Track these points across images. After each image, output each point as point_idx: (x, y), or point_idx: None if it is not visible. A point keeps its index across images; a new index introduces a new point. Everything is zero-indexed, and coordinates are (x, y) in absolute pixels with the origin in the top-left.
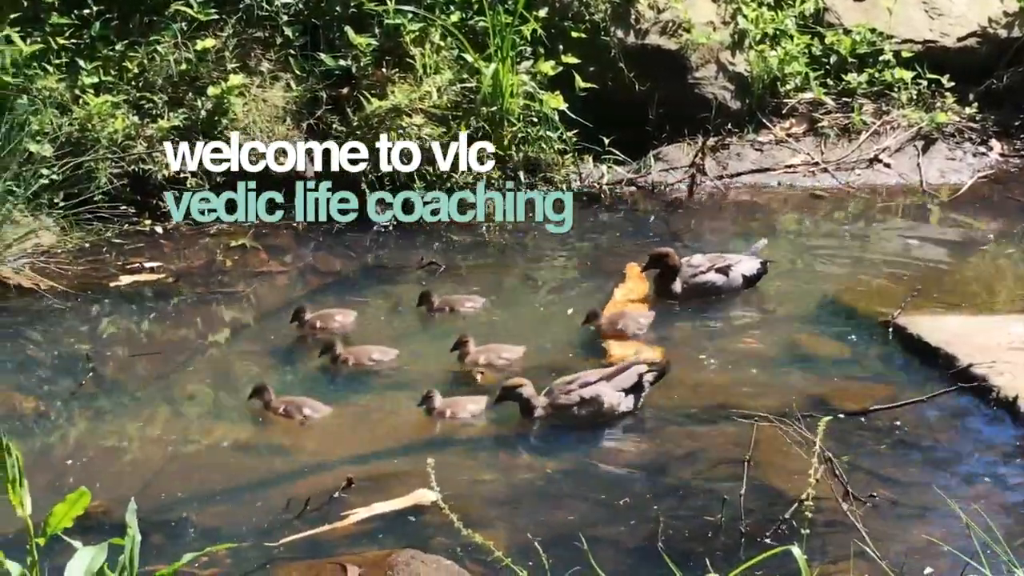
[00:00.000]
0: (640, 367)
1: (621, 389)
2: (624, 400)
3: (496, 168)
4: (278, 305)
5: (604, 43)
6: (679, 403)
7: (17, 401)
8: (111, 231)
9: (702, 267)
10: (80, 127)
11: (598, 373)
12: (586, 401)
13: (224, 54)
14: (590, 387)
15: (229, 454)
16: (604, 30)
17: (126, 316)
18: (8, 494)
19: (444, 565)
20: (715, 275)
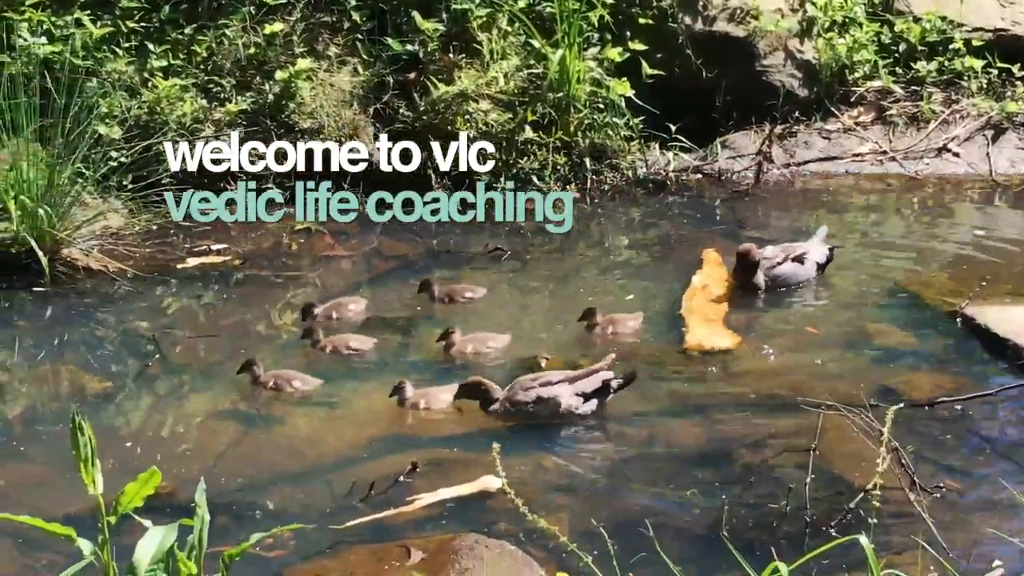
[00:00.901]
0: (606, 373)
1: (581, 392)
2: (583, 404)
3: (563, 155)
4: (343, 289)
5: (672, 30)
6: (745, 391)
7: (85, 381)
8: None
9: (777, 258)
10: (149, 110)
11: (563, 374)
12: (542, 401)
13: (292, 38)
14: (550, 387)
15: (294, 437)
16: (672, 16)
17: (193, 298)
18: (80, 472)
19: (508, 550)
20: (792, 265)
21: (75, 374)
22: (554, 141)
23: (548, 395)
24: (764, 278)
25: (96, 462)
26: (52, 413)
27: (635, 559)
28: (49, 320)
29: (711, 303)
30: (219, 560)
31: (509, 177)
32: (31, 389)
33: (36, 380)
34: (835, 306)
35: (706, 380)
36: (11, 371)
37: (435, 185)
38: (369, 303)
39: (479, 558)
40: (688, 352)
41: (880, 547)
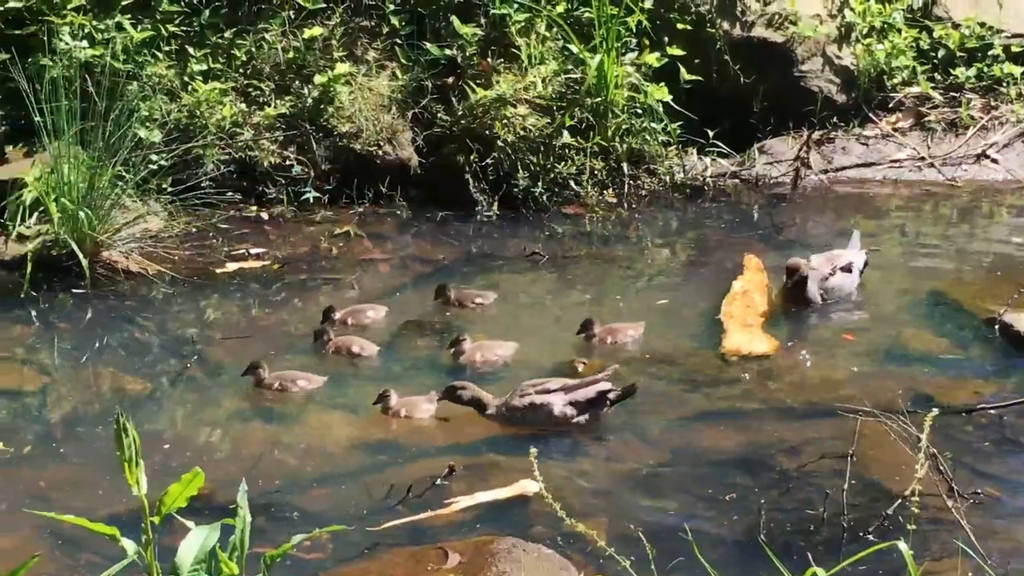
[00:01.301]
0: (604, 385)
1: (575, 402)
2: (577, 413)
3: (600, 160)
4: (381, 292)
5: (709, 35)
6: (783, 396)
7: (125, 383)
8: (217, 217)
9: (826, 269)
10: (189, 114)
11: (561, 382)
12: (536, 408)
13: (331, 43)
14: (545, 395)
15: (331, 439)
16: (710, 22)
17: (231, 301)
18: (124, 473)
19: (545, 554)
20: (842, 276)
21: (114, 376)
22: (592, 146)
23: (541, 402)
24: (819, 293)
25: (140, 463)
26: (92, 414)
27: (673, 563)
28: (89, 322)
29: (750, 308)
30: (260, 561)
31: (547, 180)
32: (71, 390)
33: (76, 382)
34: (872, 313)
35: (743, 385)
36: (52, 373)
37: (473, 190)
38: (389, 311)
39: (516, 561)
40: (725, 357)
41: (918, 554)
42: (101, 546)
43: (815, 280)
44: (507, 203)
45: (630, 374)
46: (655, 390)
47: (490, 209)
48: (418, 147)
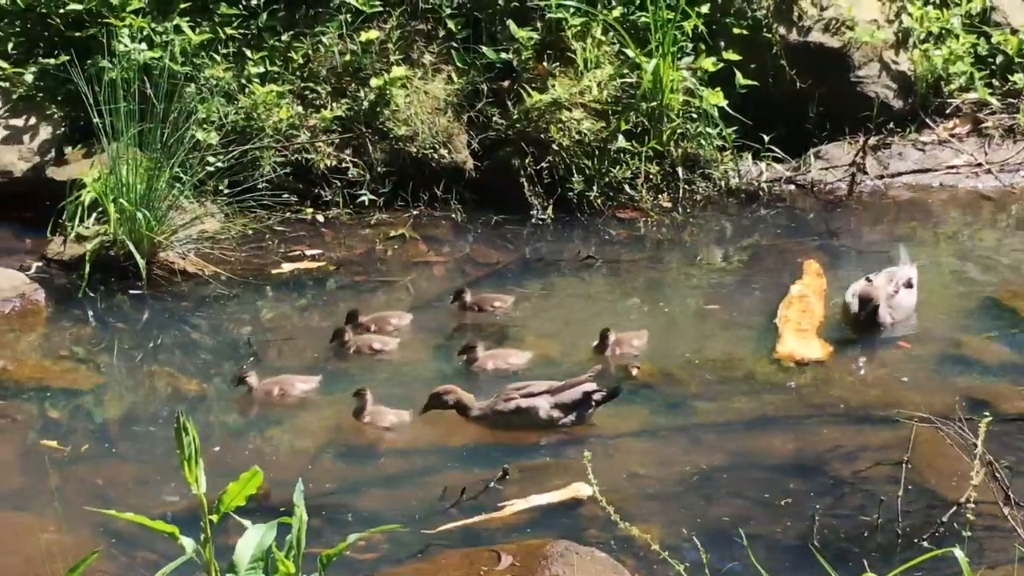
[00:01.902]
0: (589, 386)
1: (560, 404)
2: (563, 415)
3: (655, 164)
4: (435, 295)
5: (766, 40)
6: (837, 402)
7: (181, 383)
8: (273, 219)
9: (889, 288)
10: (246, 116)
11: (546, 385)
12: (522, 411)
13: (387, 46)
14: (531, 398)
15: (385, 441)
16: (766, 27)
17: (287, 302)
18: (183, 471)
19: (598, 557)
20: (906, 293)
21: (171, 376)
22: (647, 150)
23: (527, 405)
24: (889, 312)
25: (199, 461)
26: (148, 414)
27: (727, 568)
28: (146, 322)
29: (806, 313)
30: (316, 560)
31: (601, 184)
32: (128, 390)
33: (132, 381)
34: (927, 319)
35: (797, 391)
36: (109, 372)
37: (527, 194)
38: (415, 319)
39: (569, 564)
40: (779, 362)
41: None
42: (156, 544)
43: (882, 301)
44: (562, 207)
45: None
46: (708, 394)
47: (544, 213)
48: (473, 150)
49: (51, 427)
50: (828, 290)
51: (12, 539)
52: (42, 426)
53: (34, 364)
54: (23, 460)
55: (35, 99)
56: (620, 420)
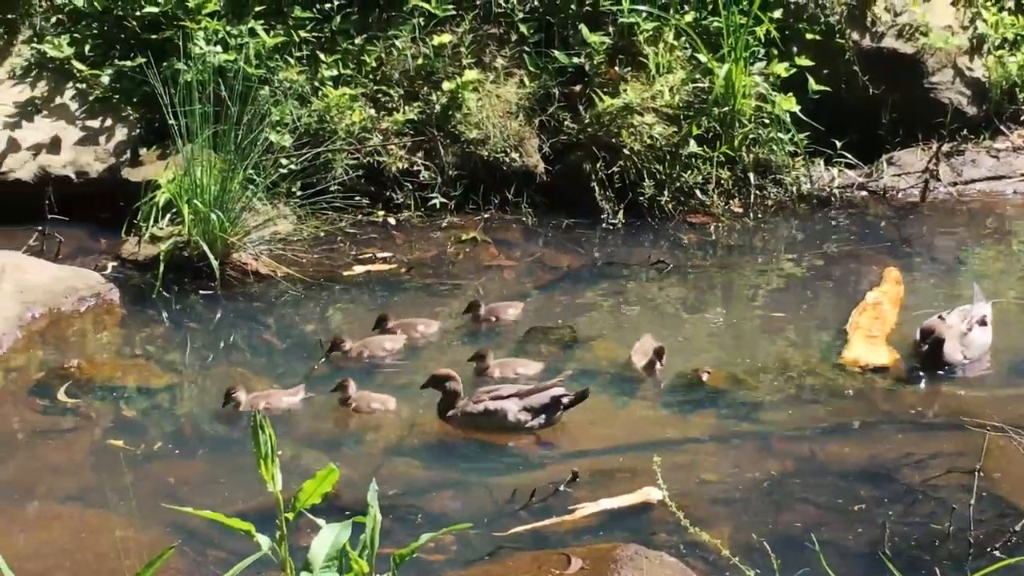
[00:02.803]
0: (557, 390)
1: (529, 407)
2: (531, 418)
3: (726, 169)
4: (506, 298)
5: (839, 46)
6: (906, 409)
7: (252, 383)
8: (345, 221)
9: (963, 325)
10: (319, 118)
11: (515, 388)
12: (490, 413)
13: (460, 50)
14: (499, 401)
15: (456, 443)
16: (839, 32)
17: (358, 304)
18: (260, 470)
19: (667, 562)
20: (980, 331)
21: (242, 376)
22: (718, 155)
23: (495, 408)
24: (960, 350)
25: (276, 459)
26: (220, 414)
27: (798, 574)
28: (218, 322)
29: (878, 320)
30: (390, 560)
31: (672, 190)
32: (200, 390)
33: (205, 380)
34: (1000, 328)
35: (868, 397)
36: (181, 371)
37: (598, 198)
38: (442, 326)
39: (639, 569)
40: (844, 367)
41: None
42: (227, 542)
43: (954, 338)
44: (632, 211)
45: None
46: (778, 400)
47: (615, 217)
48: (544, 154)
49: (124, 426)
50: (904, 297)
51: (86, 536)
52: (115, 425)
53: (108, 363)
54: (96, 458)
55: (111, 101)
56: (690, 425)
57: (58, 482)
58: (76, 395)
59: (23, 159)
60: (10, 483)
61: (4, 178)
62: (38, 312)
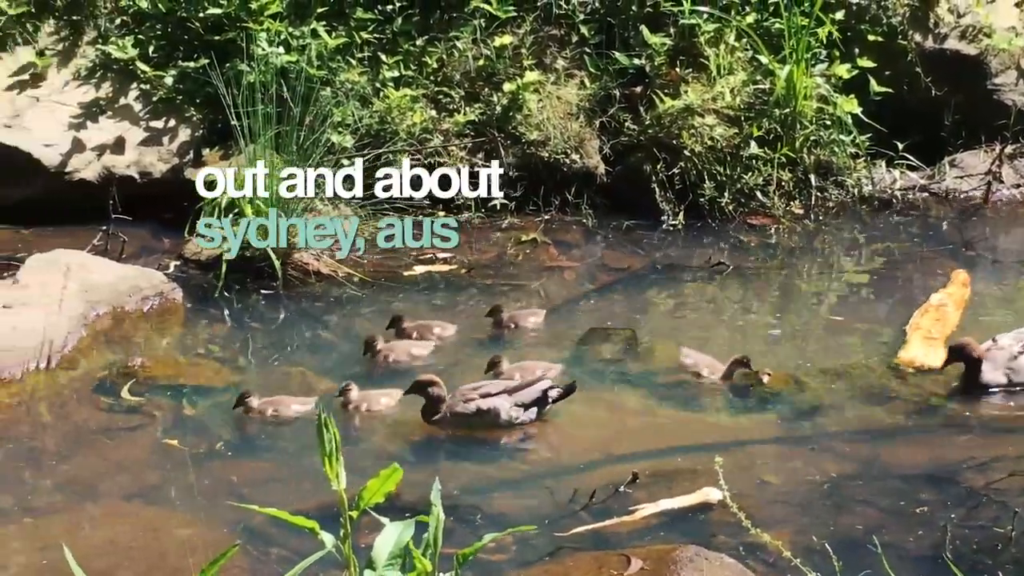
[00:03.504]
0: (545, 383)
1: (521, 403)
2: (523, 413)
3: (787, 171)
4: (566, 300)
5: (901, 47)
6: (965, 412)
7: (312, 381)
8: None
9: (1015, 347)
10: (380, 119)
11: (503, 385)
12: (482, 412)
13: (521, 51)
14: (489, 399)
15: (515, 443)
16: (901, 34)
17: (418, 304)
18: (325, 468)
19: (728, 563)
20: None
21: (303, 375)
22: (779, 157)
23: (487, 406)
24: (1004, 373)
25: (340, 458)
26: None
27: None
28: (280, 322)
29: (939, 322)
30: (453, 559)
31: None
32: (262, 389)
33: (268, 380)
34: None
35: (926, 400)
36: (244, 371)
37: (658, 199)
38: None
39: (699, 570)
40: (899, 367)
41: None
42: (289, 541)
43: (999, 361)
44: (693, 213)
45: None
46: (838, 402)
47: (675, 218)
48: (605, 156)
49: (186, 424)
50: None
51: (150, 533)
52: (178, 423)
53: (171, 362)
54: (160, 456)
55: (175, 101)
56: (749, 427)
57: (122, 480)
58: (139, 393)
59: (88, 159)
60: (75, 481)
61: (69, 178)
62: (102, 311)
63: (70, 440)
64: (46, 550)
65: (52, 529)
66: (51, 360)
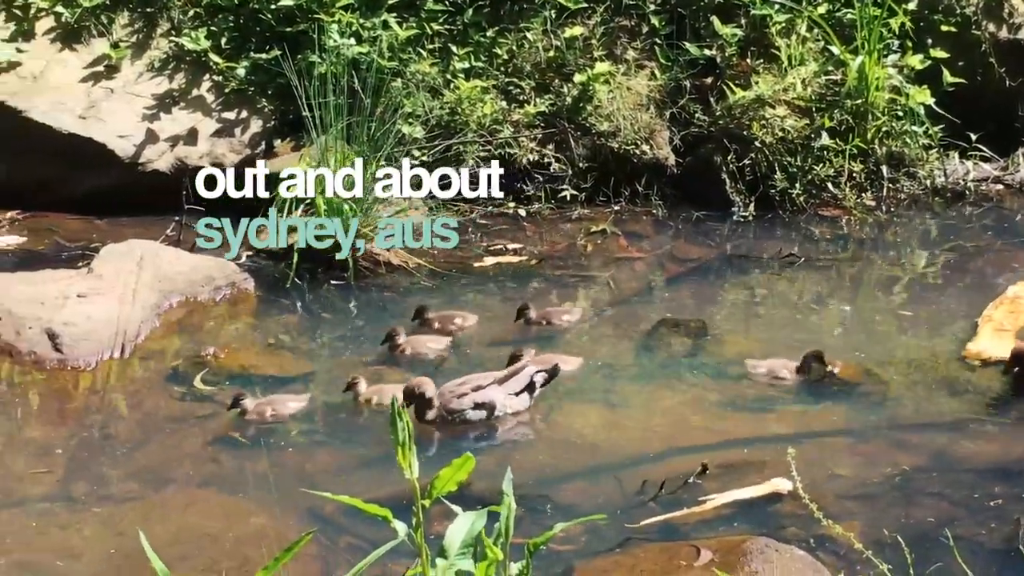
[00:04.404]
0: (531, 369)
1: (513, 392)
2: (516, 401)
3: (859, 162)
4: (635, 291)
5: (975, 37)
6: None
7: (384, 372)
8: (476, 213)
9: None
10: (450, 111)
11: (491, 376)
12: (479, 406)
13: (591, 42)
14: (482, 391)
15: (584, 433)
16: (975, 24)
17: (488, 295)
18: (398, 457)
19: (798, 555)
20: None
21: (375, 365)
22: (851, 148)
23: (483, 399)
24: None
25: (413, 447)
26: (349, 403)
27: (931, 569)
28: (351, 312)
29: (1013, 314)
30: (523, 548)
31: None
32: (333, 379)
33: (338, 370)
34: None
35: (998, 391)
36: (315, 360)
37: (729, 190)
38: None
39: (769, 562)
40: (967, 360)
41: None
42: (360, 529)
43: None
44: (763, 204)
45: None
46: (909, 394)
47: (746, 210)
48: (675, 147)
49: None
50: None
51: (221, 521)
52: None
53: (243, 351)
54: (231, 445)
55: (247, 93)
56: (820, 418)
57: (195, 468)
58: (212, 383)
59: (161, 150)
60: (149, 469)
61: (142, 169)
62: (175, 301)
63: (143, 428)
64: (121, 537)
65: (127, 517)
66: (125, 349)
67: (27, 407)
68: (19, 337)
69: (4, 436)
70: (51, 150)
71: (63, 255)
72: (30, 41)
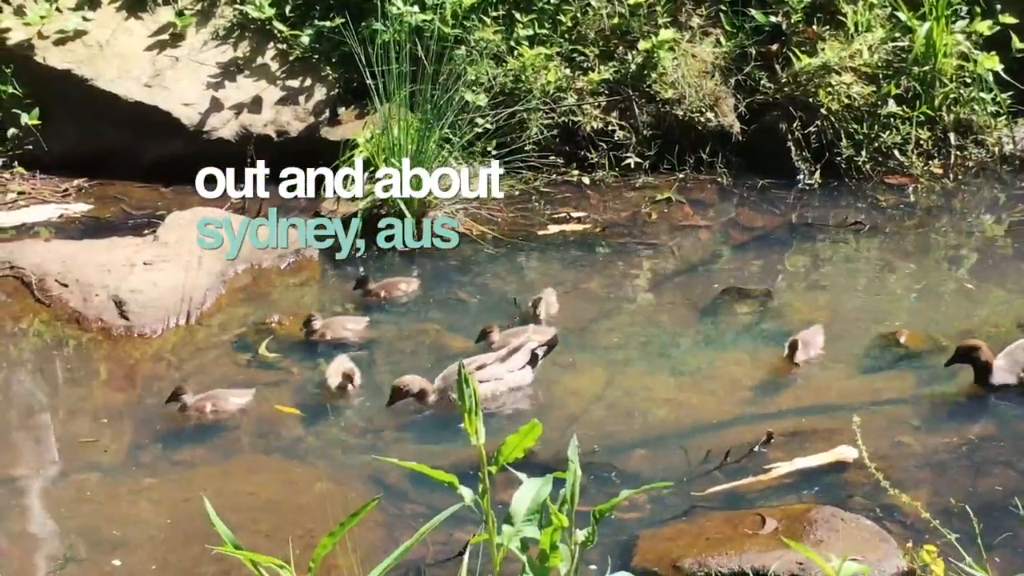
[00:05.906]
0: (531, 343)
1: (516, 368)
2: (520, 376)
3: (925, 130)
4: (700, 259)
5: None
6: None
7: (447, 340)
8: (540, 181)
9: None
10: (514, 78)
11: (492, 356)
12: (482, 383)
13: (656, 9)
14: (487, 369)
15: (649, 401)
16: None
17: (552, 263)
18: (464, 423)
19: (864, 524)
20: None
21: (438, 333)
22: (918, 115)
23: (486, 378)
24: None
25: (479, 413)
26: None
27: (999, 539)
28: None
29: None
30: (589, 515)
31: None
32: (399, 347)
33: (403, 338)
34: None
35: None
36: (379, 328)
37: (794, 158)
38: (422, 284)
39: (835, 530)
40: None
41: None
42: (424, 496)
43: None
44: (829, 172)
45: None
46: None
47: (811, 178)
48: (740, 114)
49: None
50: None
51: (286, 487)
52: (314, 379)
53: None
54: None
55: (311, 61)
56: (886, 387)
57: (260, 435)
58: (276, 350)
59: (226, 118)
60: (214, 435)
61: (207, 137)
62: (240, 268)
63: None
64: (188, 502)
65: (192, 482)
66: (190, 316)
67: (94, 374)
68: (86, 304)
69: (71, 402)
70: (117, 119)
71: (129, 223)
72: (96, 10)
